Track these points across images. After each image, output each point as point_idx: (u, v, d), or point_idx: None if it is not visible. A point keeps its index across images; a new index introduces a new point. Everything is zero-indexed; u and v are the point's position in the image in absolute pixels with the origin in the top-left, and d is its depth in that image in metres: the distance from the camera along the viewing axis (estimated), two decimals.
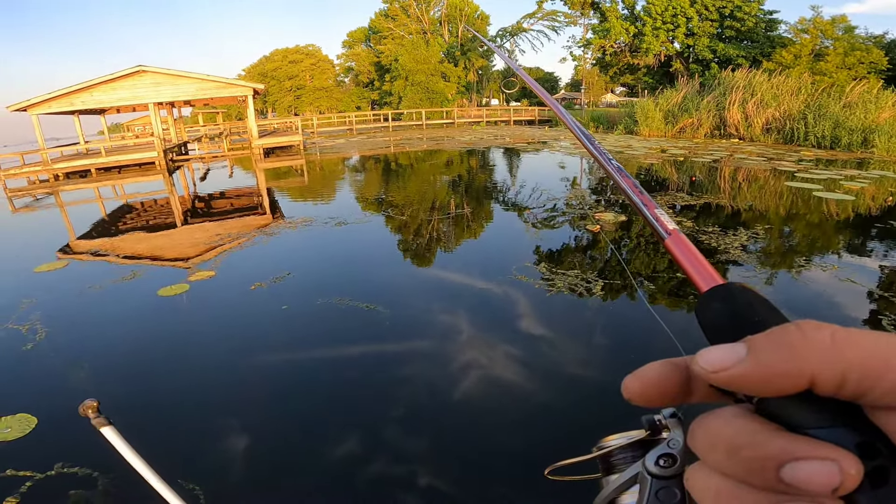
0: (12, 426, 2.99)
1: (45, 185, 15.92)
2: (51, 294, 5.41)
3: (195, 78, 19.56)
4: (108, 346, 4.16)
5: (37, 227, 9.85)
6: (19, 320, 4.58)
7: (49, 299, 5.22)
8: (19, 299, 5.15)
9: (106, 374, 3.69)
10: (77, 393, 3.43)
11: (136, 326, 4.50)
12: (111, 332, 4.40)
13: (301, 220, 8.19)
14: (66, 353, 4.00)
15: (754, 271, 5.07)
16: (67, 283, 5.82)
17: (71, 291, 5.51)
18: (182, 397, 3.32)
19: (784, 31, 26.60)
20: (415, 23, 50.36)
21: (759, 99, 19.15)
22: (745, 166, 12.71)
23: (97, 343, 4.22)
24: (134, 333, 4.36)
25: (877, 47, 22.86)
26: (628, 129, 23.28)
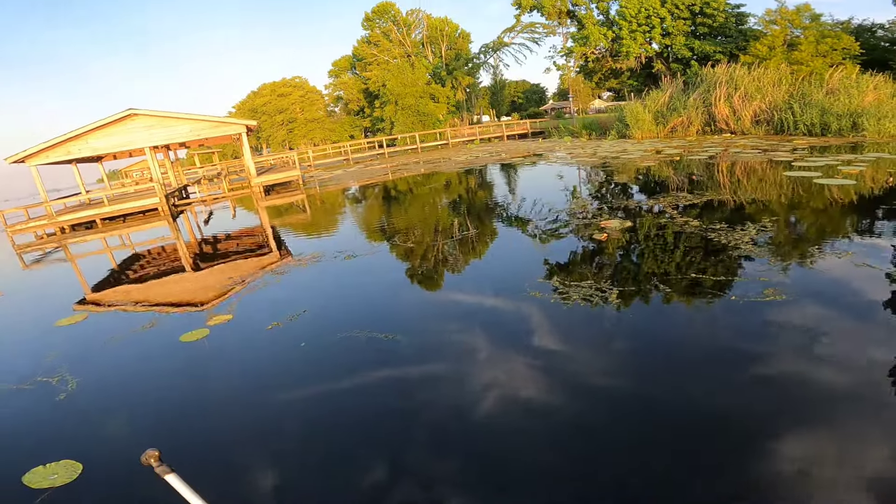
0: (59, 472, 3.07)
1: (52, 239, 16.09)
2: (75, 347, 5.52)
3: (187, 119, 19.82)
4: (139, 393, 4.25)
5: (51, 282, 9.94)
6: (47, 373, 4.70)
7: (74, 352, 5.33)
8: (44, 353, 5.27)
9: (141, 419, 3.78)
10: (117, 438, 3.54)
11: (164, 372, 4.57)
12: (140, 380, 4.50)
13: (310, 257, 8.26)
14: (99, 402, 4.12)
15: (768, 264, 5.09)
16: (90, 335, 5.92)
17: (95, 343, 5.62)
18: (216, 437, 3.38)
19: (754, 23, 27.12)
20: (398, 47, 51.25)
21: (744, 92, 19.42)
22: (742, 160, 12.81)
23: (128, 390, 4.31)
24: (162, 379, 4.44)
25: (845, 33, 23.24)
26: (621, 133, 23.50)
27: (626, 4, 27.96)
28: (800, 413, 2.86)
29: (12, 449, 3.56)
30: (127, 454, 3.22)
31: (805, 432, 2.70)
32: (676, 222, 7.22)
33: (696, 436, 2.79)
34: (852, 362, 3.28)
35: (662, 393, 3.22)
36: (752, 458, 2.53)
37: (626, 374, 3.54)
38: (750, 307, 4.17)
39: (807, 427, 2.74)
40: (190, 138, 20.60)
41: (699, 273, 5.11)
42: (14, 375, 4.79)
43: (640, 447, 2.75)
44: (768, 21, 25.26)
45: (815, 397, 3.00)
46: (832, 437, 2.64)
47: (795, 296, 4.29)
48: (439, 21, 51.92)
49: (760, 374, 3.29)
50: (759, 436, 2.69)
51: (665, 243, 6.38)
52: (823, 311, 4.07)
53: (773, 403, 2.96)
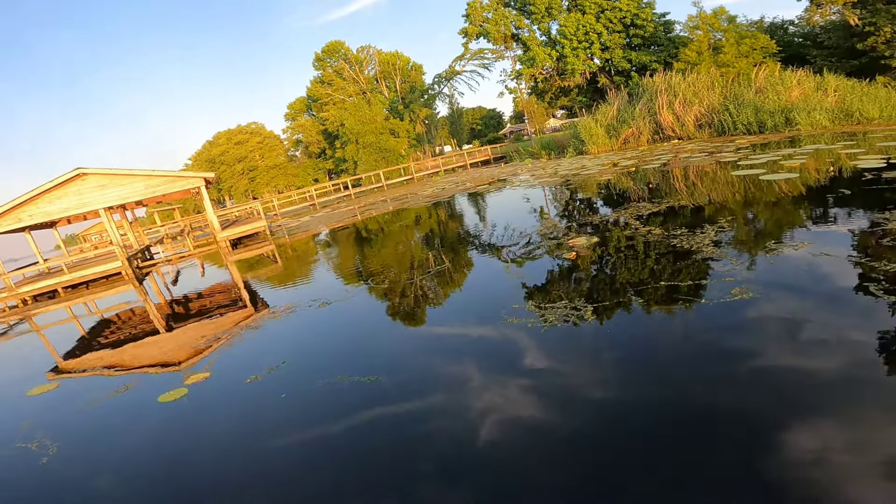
0: None
1: (15, 311, 15.33)
2: (51, 413, 5.46)
3: (141, 175, 19.32)
4: (121, 454, 4.20)
5: (19, 354, 9.51)
6: (25, 439, 4.68)
7: (51, 418, 5.28)
8: (18, 422, 5.22)
9: (126, 480, 3.73)
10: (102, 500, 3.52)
11: (145, 433, 4.52)
12: (122, 442, 4.45)
13: (284, 308, 8.14)
14: (82, 464, 4.10)
15: (731, 264, 5.32)
16: (66, 402, 5.84)
17: (72, 409, 5.55)
18: (206, 495, 3.31)
19: (680, 30, 28.97)
20: (352, 84, 51.72)
21: (683, 98, 20.55)
22: (692, 164, 13.45)
23: (110, 453, 4.26)
24: (145, 440, 4.38)
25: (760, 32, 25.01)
26: (578, 150, 24.34)
27: (565, 23, 29.46)
28: (788, 405, 2.97)
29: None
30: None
31: (797, 423, 2.80)
32: (640, 232, 7.48)
33: (686, 439, 2.85)
34: (828, 348, 3.45)
35: (648, 401, 3.29)
36: (749, 456, 2.61)
37: (609, 387, 3.61)
38: (721, 308, 4.33)
39: (798, 418, 2.85)
40: (146, 195, 20.12)
41: (668, 280, 5.29)
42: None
43: (636, 456, 2.79)
44: (692, 27, 27.03)
45: (798, 387, 3.12)
46: (823, 425, 2.75)
47: (762, 291, 4.49)
48: (391, 55, 53.06)
49: (741, 372, 3.41)
50: (753, 432, 2.78)
51: (632, 254, 6.60)
52: (791, 302, 4.28)
53: (759, 398, 3.07)
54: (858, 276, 4.43)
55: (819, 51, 23.18)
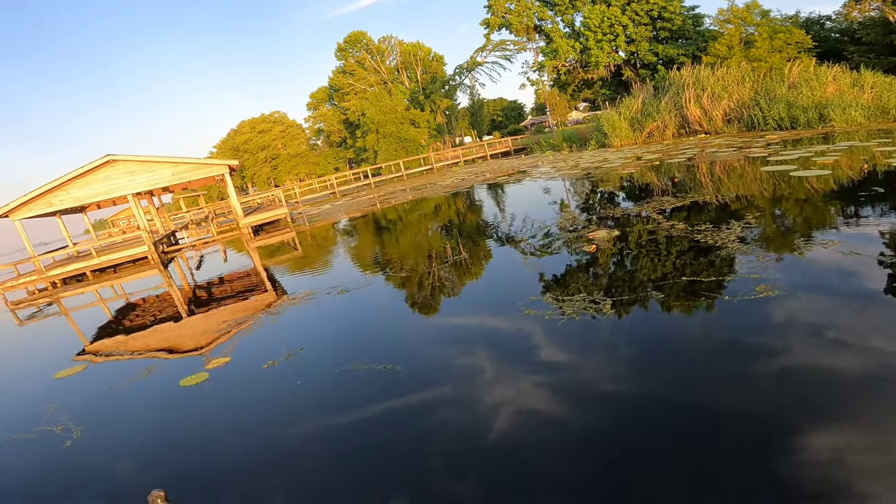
0: None
1: (45, 294, 15.89)
2: (76, 397, 5.58)
3: (168, 162, 19.73)
4: (144, 437, 4.29)
5: (48, 336, 9.85)
6: (50, 423, 4.77)
7: (76, 402, 5.40)
8: (45, 404, 5.35)
9: (147, 463, 3.81)
10: (124, 483, 3.56)
11: (167, 417, 4.61)
12: (144, 425, 4.54)
13: (303, 295, 8.25)
14: (104, 448, 4.17)
15: (757, 261, 5.19)
16: (91, 385, 5.95)
17: (96, 392, 5.67)
18: (224, 478, 3.39)
19: (710, 24, 28.13)
20: (373, 75, 51.79)
21: (711, 92, 19.99)
22: (719, 159, 13.11)
23: (133, 436, 4.35)
24: (166, 424, 4.47)
25: (795, 27, 24.16)
26: (600, 143, 23.96)
27: (589, 15, 28.87)
28: (809, 406, 2.91)
29: (21, 497, 3.58)
30: (135, 499, 3.21)
31: (819, 424, 2.74)
32: (663, 227, 7.35)
33: (704, 437, 2.82)
34: (853, 349, 3.35)
35: (664, 398, 3.25)
36: (767, 456, 2.56)
37: (627, 383, 3.57)
38: (744, 305, 4.24)
39: (820, 418, 2.79)
40: (173, 182, 20.55)
41: (690, 276, 5.20)
42: (16, 427, 4.84)
43: (651, 453, 2.77)
44: (722, 20, 26.22)
45: (820, 389, 3.05)
46: (847, 427, 2.69)
47: (787, 289, 4.38)
48: (412, 46, 52.84)
49: (763, 370, 3.34)
50: (773, 432, 2.73)
51: (654, 249, 6.49)
52: (817, 302, 4.16)
53: (779, 399, 3.01)
54: (888, 277, 4.28)
55: (856, 47, 22.37)
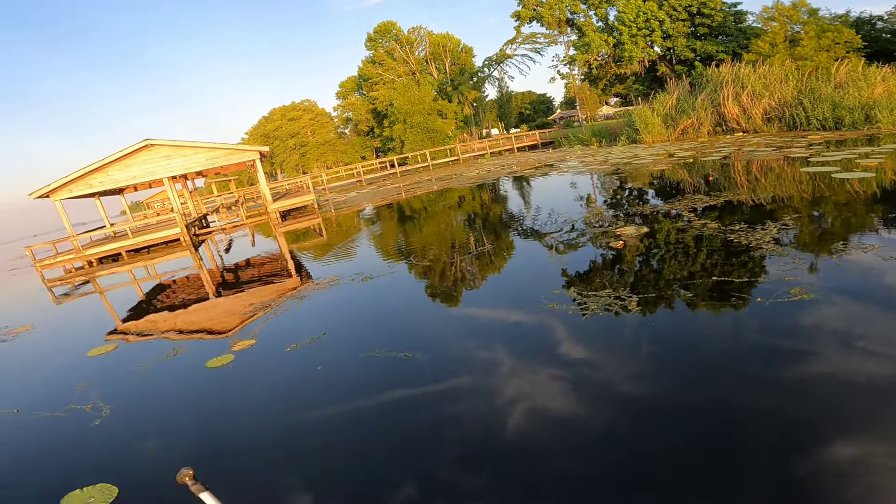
0: (94, 496, 3.15)
1: (81, 273, 16.57)
2: (107, 375, 5.72)
3: (203, 147, 20.32)
4: (170, 417, 4.37)
5: (82, 314, 10.24)
6: (80, 401, 4.88)
7: (106, 380, 5.54)
8: (77, 382, 5.48)
9: (173, 443, 3.88)
10: (151, 462, 3.63)
11: (193, 398, 4.71)
12: (171, 405, 4.63)
13: (328, 280, 8.37)
14: (132, 427, 4.24)
15: (792, 263, 5.00)
16: (121, 364, 6.10)
17: (125, 371, 5.79)
18: (244, 458, 3.44)
19: (752, 21, 27.06)
20: (402, 65, 51.95)
21: (752, 90, 19.28)
22: (757, 158, 12.65)
23: (160, 416, 4.43)
24: (192, 404, 4.57)
25: (845, 27, 23.09)
26: (631, 138, 23.44)
27: (624, 9, 28.14)
28: (835, 416, 2.80)
29: (50, 474, 3.67)
30: (161, 476, 3.29)
31: (847, 433, 2.63)
32: (694, 225, 7.15)
33: (725, 442, 2.74)
34: (889, 358, 3.20)
35: (686, 401, 3.18)
36: (790, 464, 2.48)
37: (649, 382, 3.50)
38: (776, 308, 4.10)
39: (849, 429, 2.68)
40: (206, 167, 21.11)
41: (721, 276, 5.05)
42: (48, 404, 4.98)
43: (670, 455, 2.71)
44: (767, 18, 25.26)
45: (852, 397, 2.92)
46: (874, 439, 2.58)
47: (823, 294, 4.21)
48: (441, 37, 52.66)
49: (793, 375, 3.22)
50: (797, 439, 2.63)
51: (684, 247, 6.32)
52: (854, 307, 3.99)
53: (809, 405, 2.90)
54: None
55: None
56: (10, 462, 4.01)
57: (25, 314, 10.82)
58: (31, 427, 4.58)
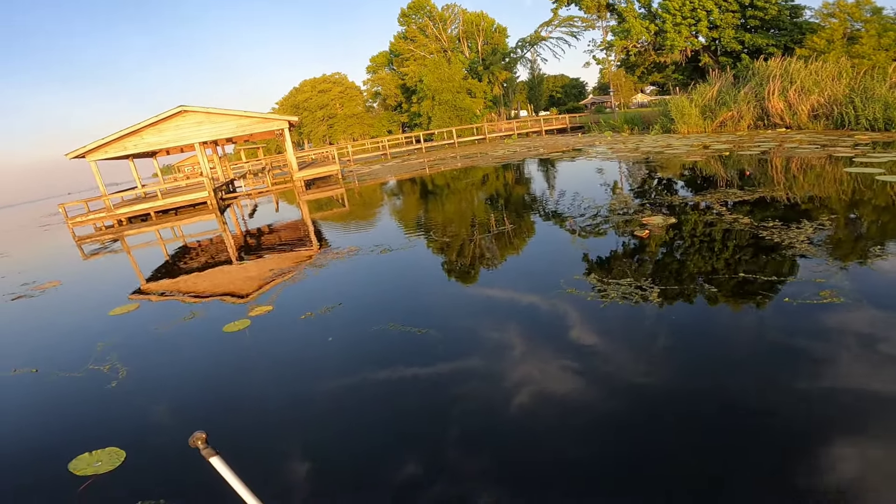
0: (102, 460, 3.17)
1: (110, 231, 17.08)
2: (127, 336, 5.76)
3: (234, 115, 20.62)
4: (183, 382, 4.39)
5: (108, 272, 10.54)
6: (98, 361, 4.91)
7: (126, 341, 5.55)
8: (97, 341, 5.53)
9: (185, 408, 3.89)
10: (160, 427, 3.62)
11: (207, 363, 4.74)
12: (185, 370, 4.66)
13: (347, 250, 8.41)
14: (147, 390, 4.24)
15: (826, 265, 4.79)
16: (141, 325, 6.15)
17: (145, 332, 5.84)
18: (253, 427, 3.46)
19: (810, 16, 25.67)
20: (434, 42, 51.27)
21: (800, 86, 18.37)
22: (798, 155, 12.11)
23: (174, 380, 4.46)
24: (206, 370, 4.59)
25: None
26: (665, 128, 22.72)
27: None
28: (853, 422, 2.68)
29: (62, 436, 3.66)
30: (168, 443, 3.32)
31: (857, 442, 2.53)
32: (725, 219, 6.91)
33: (735, 440, 2.66)
34: None
35: (702, 396, 3.09)
36: (796, 468, 2.40)
37: (664, 375, 3.42)
38: (804, 310, 3.94)
39: (859, 437, 2.57)
40: (236, 134, 21.39)
41: (749, 273, 4.87)
42: (67, 364, 4.99)
43: (675, 449, 2.66)
44: (826, 14, 23.90)
45: (871, 406, 2.80)
46: (887, 450, 2.47)
47: (855, 298, 4.02)
48: (475, 16, 51.62)
49: (814, 379, 3.10)
50: (808, 444, 2.54)
51: (712, 241, 6.12)
52: (885, 315, 3.80)
53: (826, 411, 2.79)
54: None
55: None
56: (24, 423, 3.99)
57: (54, 270, 11.19)
58: (49, 387, 4.57)
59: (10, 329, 6.85)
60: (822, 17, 24.32)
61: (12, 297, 8.75)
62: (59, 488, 2.97)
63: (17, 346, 5.99)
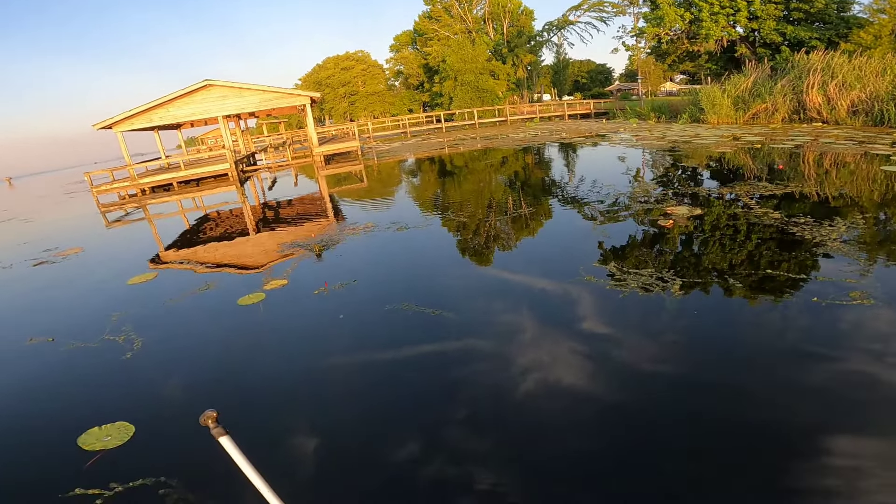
0: (112, 434, 3.14)
1: (133, 200, 17.38)
2: (143, 306, 5.70)
3: (257, 90, 20.68)
4: (196, 355, 4.35)
5: (129, 240, 10.71)
6: (114, 332, 4.87)
7: (142, 311, 5.50)
8: (113, 311, 5.49)
9: (196, 384, 3.83)
10: (170, 402, 3.57)
11: (221, 337, 4.68)
12: (199, 343, 4.64)
13: (364, 226, 8.39)
14: (160, 363, 4.19)
15: (857, 265, 4.60)
16: (158, 295, 6.10)
17: (161, 302, 5.78)
18: (263, 404, 3.45)
19: (858, 11, 24.41)
20: (459, 23, 50.40)
21: (842, 81, 17.60)
22: (833, 151, 11.63)
23: (187, 353, 4.41)
24: (219, 344, 4.54)
25: None
26: (694, 117, 22.07)
27: None
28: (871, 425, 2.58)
29: (74, 409, 3.61)
30: (177, 419, 3.30)
31: (873, 442, 2.43)
32: (753, 212, 6.68)
33: (747, 439, 2.58)
34: None
35: (720, 395, 3.00)
36: (805, 469, 2.32)
37: (680, 369, 3.33)
38: (831, 310, 3.79)
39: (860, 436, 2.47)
40: (259, 108, 21.45)
41: (776, 269, 4.71)
42: (83, 333, 4.94)
43: (682, 444, 2.59)
44: (876, 10, 22.77)
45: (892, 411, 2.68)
46: None
47: (886, 301, 3.85)
48: None
49: (836, 382, 2.99)
50: (822, 446, 2.45)
51: (739, 235, 5.93)
52: None
53: (845, 413, 2.69)
54: None
55: None
56: (37, 395, 3.92)
57: (77, 237, 11.37)
58: (63, 357, 4.51)
59: (30, 296, 6.85)
60: (872, 12, 23.23)
61: (34, 262, 8.89)
62: (67, 463, 2.93)
63: (36, 314, 5.99)
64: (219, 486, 2.57)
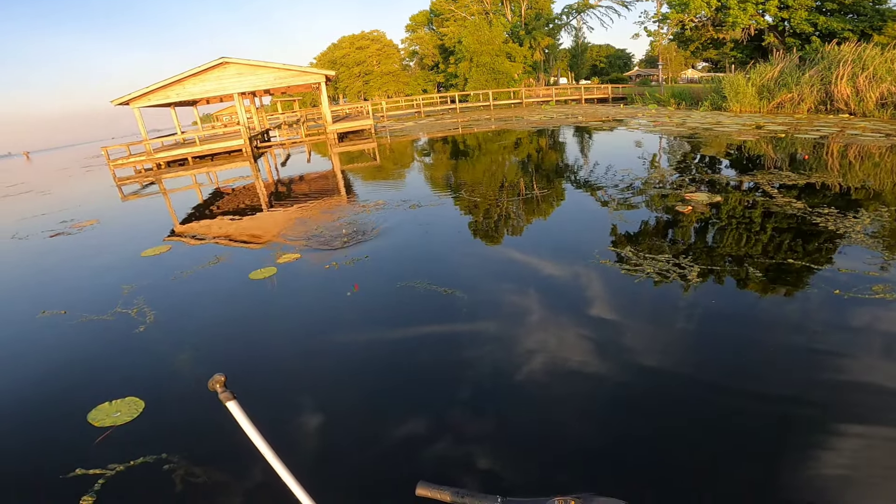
0: (122, 410, 3.13)
1: (149, 174, 17.51)
2: (156, 278, 5.72)
3: (273, 67, 20.57)
4: (208, 329, 4.36)
5: (144, 214, 10.81)
6: (127, 304, 4.88)
7: (155, 284, 5.52)
8: (126, 284, 5.51)
9: (207, 357, 3.83)
10: (180, 377, 3.55)
11: (232, 310, 4.67)
12: (211, 316, 4.63)
13: (374, 204, 8.36)
14: (172, 337, 4.17)
15: (882, 258, 4.48)
16: (171, 267, 6.09)
17: (174, 276, 5.76)
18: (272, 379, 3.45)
19: (894, 3, 23.45)
20: (476, 3, 49.54)
21: (872, 73, 17.03)
22: (859, 142, 11.29)
23: (198, 326, 4.42)
24: (229, 317, 4.54)
25: None
26: (715, 104, 21.55)
27: None
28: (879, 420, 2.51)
29: (85, 385, 3.57)
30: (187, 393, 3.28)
31: (861, 440, 2.37)
32: (776, 201, 6.52)
33: (757, 433, 2.54)
34: None
35: (734, 387, 2.95)
36: (812, 463, 2.27)
37: (692, 357, 3.27)
38: (853, 303, 3.69)
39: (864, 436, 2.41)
40: (274, 85, 21.37)
41: (798, 259, 4.60)
42: (96, 306, 4.94)
43: (687, 434, 2.56)
44: None
45: None
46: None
47: None
48: None
49: (854, 375, 2.92)
50: (834, 440, 2.40)
51: (760, 223, 5.79)
52: None
53: (861, 409, 2.63)
54: None
55: None
56: (50, 369, 3.87)
57: (93, 209, 11.45)
58: (76, 331, 4.47)
59: (45, 267, 6.90)
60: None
61: (51, 233, 8.99)
62: (77, 438, 2.92)
63: (50, 286, 6.01)
64: (225, 462, 2.57)
